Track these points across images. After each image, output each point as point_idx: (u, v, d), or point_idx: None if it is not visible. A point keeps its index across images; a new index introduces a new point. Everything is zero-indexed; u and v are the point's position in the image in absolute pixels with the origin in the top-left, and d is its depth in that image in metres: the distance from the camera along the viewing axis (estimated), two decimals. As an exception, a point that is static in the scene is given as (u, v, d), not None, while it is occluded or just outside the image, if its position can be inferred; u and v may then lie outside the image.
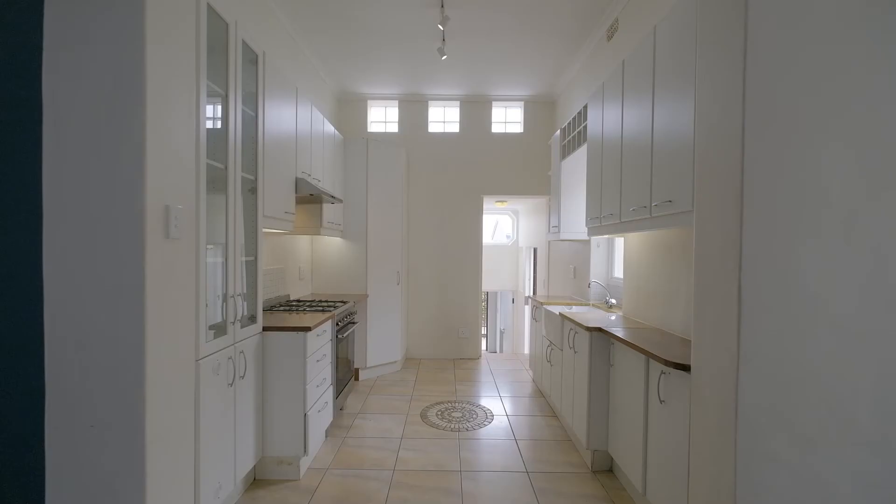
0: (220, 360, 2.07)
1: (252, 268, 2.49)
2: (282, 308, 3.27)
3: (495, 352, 11.51)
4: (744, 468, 1.47)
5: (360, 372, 4.57)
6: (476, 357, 5.58)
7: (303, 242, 4.32)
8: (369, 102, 5.55)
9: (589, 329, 2.71)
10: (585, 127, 3.48)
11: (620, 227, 2.66)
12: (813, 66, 1.41)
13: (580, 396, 2.87)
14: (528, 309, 7.52)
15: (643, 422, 2.21)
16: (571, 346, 3.06)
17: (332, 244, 4.57)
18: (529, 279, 7.37)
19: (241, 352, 2.28)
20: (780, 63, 1.43)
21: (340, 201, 3.69)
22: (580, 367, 2.89)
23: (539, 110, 5.51)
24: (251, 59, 2.48)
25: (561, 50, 4.24)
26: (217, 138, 2.20)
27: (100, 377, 1.54)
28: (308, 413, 2.60)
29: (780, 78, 1.42)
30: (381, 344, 4.68)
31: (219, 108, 2.15)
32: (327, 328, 3.02)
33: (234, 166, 2.20)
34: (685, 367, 1.83)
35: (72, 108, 1.52)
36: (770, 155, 1.44)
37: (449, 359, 5.53)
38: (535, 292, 6.70)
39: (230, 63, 2.16)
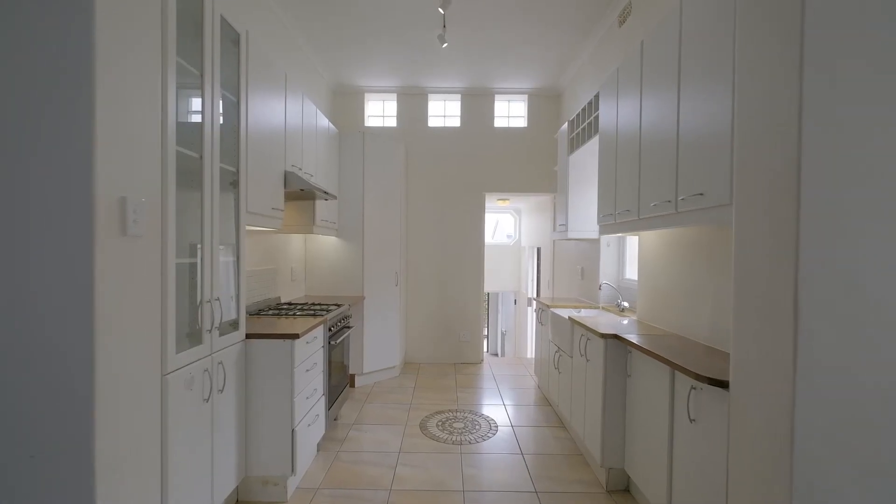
0: (194, 372, 1.84)
1: (233, 269, 2.26)
2: (270, 312, 3.04)
3: (496, 354, 11.30)
4: (802, 506, 1.24)
5: (356, 378, 4.33)
6: (478, 361, 5.35)
7: (295, 242, 4.09)
8: (366, 95, 5.32)
9: (604, 336, 2.48)
10: (597, 118, 3.25)
11: (638, 225, 2.43)
12: (883, 43, 1.19)
13: (593, 409, 2.64)
14: (530, 311, 7.30)
15: (668, 440, 1.98)
16: (583, 353, 2.83)
17: (326, 243, 4.33)
18: (532, 280, 7.14)
19: (220, 363, 2.05)
20: (843, 38, 1.20)
21: (334, 198, 3.46)
22: (593, 377, 2.66)
23: (543, 104, 5.28)
24: (232, 39, 2.25)
25: (568, 37, 4.01)
26: (191, 124, 1.97)
27: (42, 398, 1.30)
28: (296, 428, 2.37)
29: (844, 55, 1.20)
30: (378, 348, 4.45)
31: (195, 92, 1.92)
32: (318, 334, 2.79)
33: (211, 156, 1.97)
34: (722, 384, 1.60)
35: (4, 85, 1.29)
36: (832, 144, 1.21)
37: (449, 363, 5.30)
38: (538, 293, 6.47)
39: (206, 40, 1.93)
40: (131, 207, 1.44)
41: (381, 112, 5.44)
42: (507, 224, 9.11)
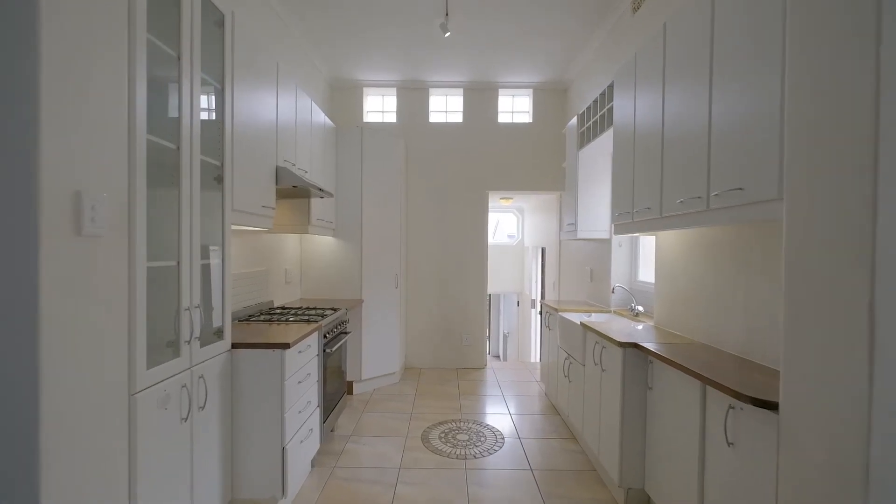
0: (170, 389, 1.64)
1: (217, 273, 2.06)
2: (262, 318, 2.84)
3: (498, 356, 11.10)
4: (886, 562, 1.05)
5: (354, 385, 4.13)
6: (481, 366, 5.15)
7: (290, 242, 3.89)
8: (365, 90, 5.11)
9: (622, 345, 2.28)
10: (610, 110, 3.05)
11: (660, 224, 2.23)
12: None
13: (610, 423, 2.44)
14: (534, 313, 7.10)
15: (698, 463, 1.78)
16: (597, 362, 2.63)
17: (323, 244, 4.13)
18: (536, 281, 6.94)
19: (201, 376, 1.85)
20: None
21: (331, 195, 3.26)
22: (609, 389, 2.46)
23: (549, 98, 5.08)
24: (216, 21, 2.05)
25: (576, 26, 3.81)
26: (167, 112, 1.77)
27: (-22, 428, 1.10)
28: (287, 446, 2.17)
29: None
30: (377, 354, 4.24)
31: (172, 76, 1.72)
32: (312, 342, 2.59)
33: (190, 147, 1.77)
34: (769, 405, 1.40)
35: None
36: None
37: (451, 368, 5.09)
38: (543, 296, 6.27)
39: (185, 18, 1.73)
40: (88, 203, 1.24)
41: (380, 107, 5.24)
42: (508, 224, 8.91)
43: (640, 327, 2.84)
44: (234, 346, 2.13)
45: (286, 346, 2.14)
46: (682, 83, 2.02)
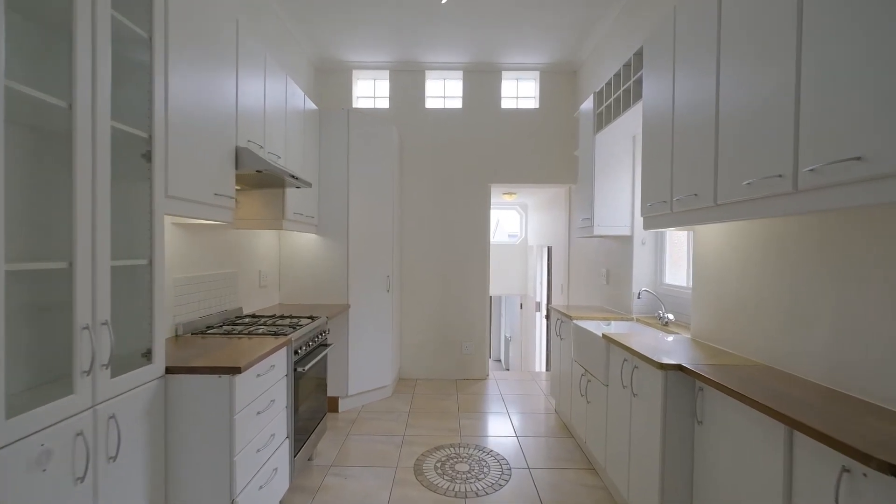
0: (53, 441, 1.17)
1: (144, 277, 1.59)
2: (223, 329, 2.37)
3: (499, 360, 10.64)
4: None
5: (339, 401, 3.66)
6: (483, 377, 4.68)
7: (265, 240, 3.42)
8: (355, 73, 4.64)
9: (664, 367, 1.81)
10: (637, 83, 2.58)
11: (715, 214, 1.76)
12: None
13: (644, 461, 1.98)
14: (539, 316, 6.63)
15: (782, 536, 1.31)
16: (626, 384, 2.17)
17: (304, 242, 3.66)
18: (542, 283, 6.47)
19: (112, 416, 1.38)
20: None
21: (308, 185, 2.79)
22: (644, 419, 1.99)
23: (557, 81, 4.61)
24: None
25: (592, -5, 3.34)
26: (55, 57, 1.30)
27: None
28: (238, 498, 1.70)
29: None
30: (366, 366, 3.77)
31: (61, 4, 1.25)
32: (279, 360, 2.12)
33: (92, 107, 1.29)
34: (924, 478, 0.93)
35: None
36: None
37: (450, 379, 4.62)
38: (549, 299, 5.80)
39: (81, -72, 1.26)
40: None
41: (371, 92, 4.77)
42: (509, 222, 8.44)
43: (670, 339, 2.38)
44: (169, 370, 1.66)
45: (236, 370, 1.67)
46: (751, 41, 1.55)
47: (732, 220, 1.66)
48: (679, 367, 1.80)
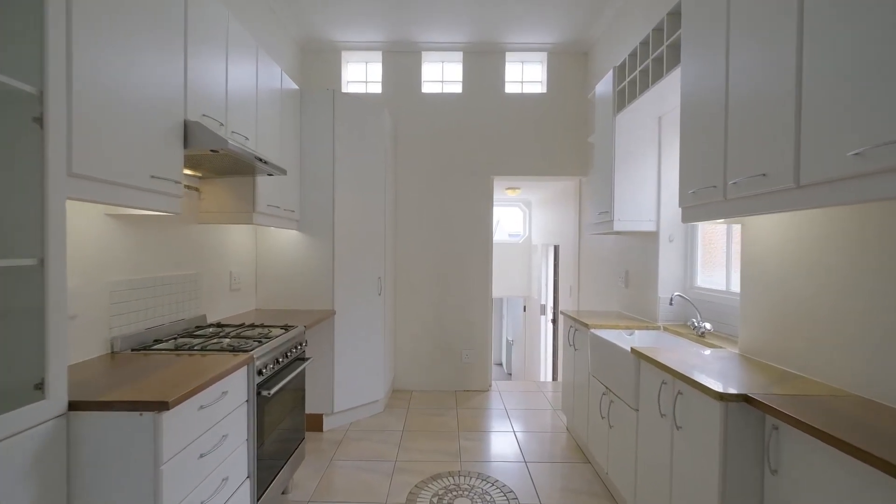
0: None
1: (32, 284, 1.17)
2: (167, 345, 1.94)
3: (500, 364, 10.21)
4: None
5: (324, 419, 3.25)
6: (484, 389, 4.26)
7: (239, 237, 3.00)
8: (345, 55, 4.23)
9: (723, 397, 1.40)
10: (673, 47, 2.17)
11: (797, 199, 1.33)
12: None
13: (693, 514, 1.56)
14: (544, 320, 6.22)
15: None
16: (665, 412, 1.76)
17: (284, 239, 3.25)
18: (547, 285, 6.06)
19: (-35, 483, 0.97)
20: None
21: (282, 171, 2.38)
22: (692, 459, 1.58)
23: (567, 63, 4.20)
24: None
25: (610, -42, 2.93)
26: None
27: None
28: (168, 574, 1.29)
29: None
30: (354, 380, 3.36)
31: None
32: (233, 385, 1.70)
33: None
34: None
35: None
36: None
37: (449, 391, 4.21)
38: (556, 302, 5.38)
39: None
40: None
41: (363, 76, 4.36)
42: (510, 221, 8.02)
43: (706, 352, 1.97)
44: (73, 406, 1.25)
45: (163, 405, 1.25)
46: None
47: (823, 205, 1.24)
48: (745, 398, 1.39)
